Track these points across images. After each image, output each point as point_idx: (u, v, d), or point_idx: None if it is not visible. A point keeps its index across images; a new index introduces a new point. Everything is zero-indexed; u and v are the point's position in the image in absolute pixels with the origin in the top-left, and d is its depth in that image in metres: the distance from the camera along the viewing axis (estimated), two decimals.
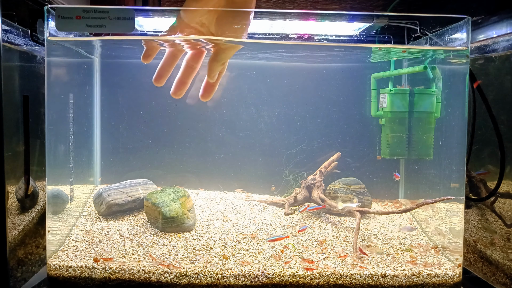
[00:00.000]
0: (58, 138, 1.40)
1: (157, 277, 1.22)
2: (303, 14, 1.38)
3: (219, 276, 1.22)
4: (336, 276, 1.23)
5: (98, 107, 1.86)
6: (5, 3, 1.11)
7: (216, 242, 1.42)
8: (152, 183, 1.76)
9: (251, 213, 1.71)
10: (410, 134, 1.63)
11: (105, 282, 1.22)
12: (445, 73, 1.50)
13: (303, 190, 1.78)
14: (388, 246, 1.43)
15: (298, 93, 1.89)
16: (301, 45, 1.57)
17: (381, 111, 1.70)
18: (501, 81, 1.32)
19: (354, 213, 1.55)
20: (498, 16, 1.33)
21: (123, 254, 1.32)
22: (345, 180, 1.84)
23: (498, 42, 1.32)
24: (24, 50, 1.24)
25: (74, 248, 1.35)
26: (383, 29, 1.57)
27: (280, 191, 1.90)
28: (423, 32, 1.48)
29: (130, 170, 1.86)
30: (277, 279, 1.22)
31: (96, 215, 1.62)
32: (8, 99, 1.12)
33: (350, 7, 1.74)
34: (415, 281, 1.24)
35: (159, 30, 1.57)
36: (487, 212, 1.39)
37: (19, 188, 1.20)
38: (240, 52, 1.29)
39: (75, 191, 1.58)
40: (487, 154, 1.39)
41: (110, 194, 1.62)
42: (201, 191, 1.93)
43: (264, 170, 1.91)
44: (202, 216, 1.65)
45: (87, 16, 1.15)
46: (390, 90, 1.65)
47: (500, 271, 1.32)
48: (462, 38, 1.27)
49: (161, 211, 1.50)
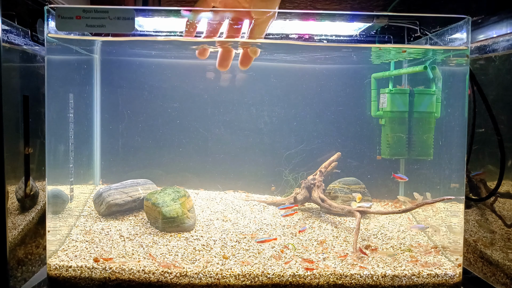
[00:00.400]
0: (58, 138, 1.40)
1: (157, 277, 1.22)
2: (303, 14, 1.38)
3: (219, 276, 1.22)
4: (336, 276, 1.23)
5: (98, 107, 1.86)
6: (5, 3, 1.11)
7: (216, 242, 1.42)
8: (152, 183, 1.75)
9: (251, 213, 1.71)
10: (410, 134, 1.63)
11: (105, 282, 1.22)
12: (445, 73, 1.50)
13: (303, 190, 1.77)
14: (388, 246, 1.43)
15: (298, 93, 1.89)
16: (301, 45, 1.57)
17: (381, 111, 1.70)
18: (501, 81, 1.32)
19: (354, 213, 1.55)
20: (498, 16, 1.33)
21: (123, 254, 1.32)
22: (345, 180, 1.84)
23: (498, 42, 1.32)
24: (24, 50, 1.24)
25: (74, 248, 1.35)
26: (383, 29, 1.57)
27: (280, 191, 1.90)
28: (423, 32, 1.48)
29: (130, 170, 1.86)
30: (277, 279, 1.22)
31: (96, 215, 1.62)
32: (8, 99, 1.12)
33: (350, 7, 1.74)
34: (415, 281, 1.24)
35: (159, 30, 1.57)
36: (487, 212, 1.39)
37: (19, 188, 1.20)
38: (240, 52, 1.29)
39: (75, 191, 1.58)
40: (487, 154, 1.39)
41: (110, 194, 1.62)
42: (201, 191, 1.93)
43: (264, 170, 1.91)
44: (202, 216, 1.65)
45: (87, 16, 1.15)
46: (390, 90, 1.65)
47: (500, 271, 1.32)
48: (462, 38, 1.27)
49: (161, 211, 1.50)
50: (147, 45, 1.57)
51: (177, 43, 1.42)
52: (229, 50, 1.25)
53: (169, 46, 1.53)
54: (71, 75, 1.55)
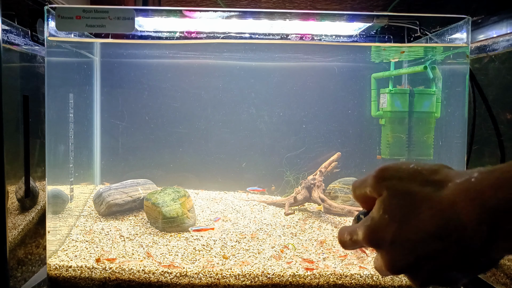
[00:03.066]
0: (58, 138, 1.40)
1: (157, 277, 1.22)
2: (303, 14, 1.38)
3: (219, 276, 1.22)
4: (336, 276, 1.23)
5: (98, 107, 1.86)
6: (5, 3, 1.11)
7: (216, 242, 1.42)
8: (152, 183, 1.75)
9: (251, 213, 1.71)
10: (410, 134, 1.63)
11: (105, 282, 1.22)
12: (445, 73, 1.50)
13: (303, 190, 1.77)
14: None
15: (298, 93, 1.89)
16: (301, 45, 1.57)
17: (381, 111, 1.70)
18: (501, 81, 1.32)
19: (354, 213, 1.55)
20: (498, 16, 1.33)
21: (123, 254, 1.32)
22: (345, 180, 1.84)
23: (498, 42, 1.32)
24: (24, 50, 1.24)
25: (74, 248, 1.35)
26: (383, 29, 1.57)
27: (280, 191, 1.90)
28: (423, 32, 1.48)
29: (130, 170, 1.86)
30: (277, 279, 1.22)
31: (96, 215, 1.62)
32: (8, 99, 1.12)
33: (350, 7, 1.74)
34: None
35: (159, 30, 1.57)
36: None
37: (19, 188, 1.20)
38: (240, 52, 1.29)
39: (75, 191, 1.58)
40: (487, 154, 1.39)
41: (110, 194, 1.62)
42: (201, 191, 1.93)
43: (264, 170, 1.91)
44: (202, 216, 1.65)
45: (87, 16, 1.15)
46: (390, 90, 1.65)
47: (500, 271, 1.32)
48: (462, 38, 1.27)
49: (161, 211, 1.50)
50: (147, 44, 1.57)
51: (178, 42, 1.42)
52: None
53: (169, 46, 1.54)
54: (71, 75, 1.55)
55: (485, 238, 0.44)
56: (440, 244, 0.46)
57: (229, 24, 1.38)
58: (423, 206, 0.48)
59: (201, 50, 1.75)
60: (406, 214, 0.49)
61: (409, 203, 0.49)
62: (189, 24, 1.40)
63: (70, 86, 1.51)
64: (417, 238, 0.47)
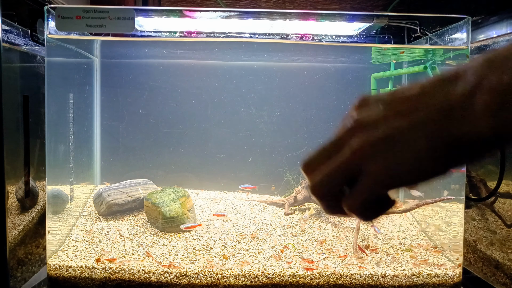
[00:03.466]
0: (58, 138, 1.40)
1: (157, 277, 1.22)
2: (303, 14, 1.38)
3: (219, 276, 1.22)
4: (336, 276, 1.23)
5: (98, 107, 1.86)
6: (5, 3, 1.11)
7: (216, 242, 1.42)
8: (152, 183, 1.75)
9: (251, 213, 1.71)
10: None
11: (105, 282, 1.22)
12: None
13: (303, 190, 1.77)
14: (388, 246, 1.43)
15: (298, 93, 1.89)
16: (301, 45, 1.57)
17: None
18: None
19: None
20: (498, 16, 1.33)
21: (123, 254, 1.32)
22: None
23: (498, 42, 1.32)
24: (24, 50, 1.24)
25: (74, 248, 1.35)
26: (383, 29, 1.57)
27: (280, 191, 1.90)
28: (423, 32, 1.48)
29: (130, 170, 1.86)
30: (277, 279, 1.22)
31: (96, 215, 1.62)
32: (8, 99, 1.12)
33: (350, 7, 1.74)
34: (415, 281, 1.24)
35: (159, 30, 1.57)
36: (487, 212, 1.38)
37: (19, 188, 1.20)
38: (240, 52, 1.29)
39: (75, 191, 1.58)
40: None
41: (110, 194, 1.62)
42: (201, 191, 1.93)
43: (264, 170, 1.91)
44: (202, 216, 1.65)
45: (87, 16, 1.15)
46: (390, 90, 1.65)
47: (500, 271, 1.32)
48: (462, 38, 1.27)
49: (161, 211, 1.50)
50: (147, 44, 1.57)
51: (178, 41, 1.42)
52: None
53: (169, 46, 1.54)
54: (71, 75, 1.55)
55: (469, 90, 0.40)
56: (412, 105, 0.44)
57: (229, 24, 1.38)
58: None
59: (201, 50, 1.75)
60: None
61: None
62: (189, 24, 1.40)
63: (70, 86, 1.51)
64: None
